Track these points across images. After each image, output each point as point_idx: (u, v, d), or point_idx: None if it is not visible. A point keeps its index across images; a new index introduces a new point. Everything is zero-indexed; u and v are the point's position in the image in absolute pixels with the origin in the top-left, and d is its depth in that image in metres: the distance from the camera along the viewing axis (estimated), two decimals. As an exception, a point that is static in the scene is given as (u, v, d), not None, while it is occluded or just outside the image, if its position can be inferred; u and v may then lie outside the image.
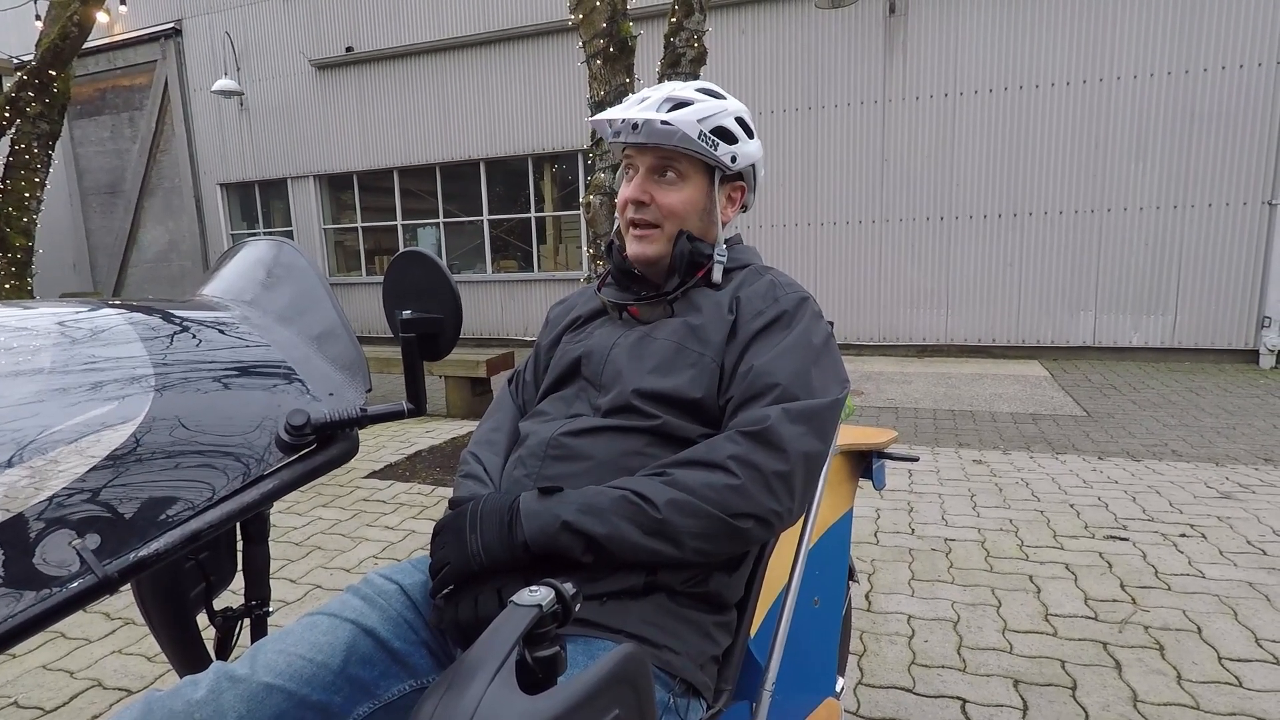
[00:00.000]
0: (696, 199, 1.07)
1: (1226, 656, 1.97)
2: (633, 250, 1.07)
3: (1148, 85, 6.68)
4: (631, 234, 1.08)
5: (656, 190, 1.05)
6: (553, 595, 0.55)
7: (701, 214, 1.08)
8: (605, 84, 3.88)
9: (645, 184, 1.05)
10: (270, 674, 0.72)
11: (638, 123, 1.01)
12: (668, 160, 1.04)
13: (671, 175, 1.05)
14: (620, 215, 1.09)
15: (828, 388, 0.95)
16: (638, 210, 1.06)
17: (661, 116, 1.00)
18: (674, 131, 1.01)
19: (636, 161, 1.06)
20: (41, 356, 0.67)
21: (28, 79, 5.37)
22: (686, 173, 1.05)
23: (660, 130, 1.01)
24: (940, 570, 2.56)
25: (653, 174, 1.05)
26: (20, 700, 1.92)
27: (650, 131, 1.01)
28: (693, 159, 1.05)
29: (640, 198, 1.05)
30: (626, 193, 1.07)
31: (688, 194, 1.06)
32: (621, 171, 1.11)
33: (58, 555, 0.54)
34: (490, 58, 8.99)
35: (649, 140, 1.02)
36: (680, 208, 1.06)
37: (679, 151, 1.03)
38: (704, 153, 1.03)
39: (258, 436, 0.69)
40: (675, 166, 1.05)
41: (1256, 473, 3.58)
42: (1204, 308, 6.82)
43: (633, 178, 1.07)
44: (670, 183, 1.05)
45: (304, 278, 0.91)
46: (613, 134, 1.06)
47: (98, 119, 11.56)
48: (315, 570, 2.68)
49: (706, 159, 1.04)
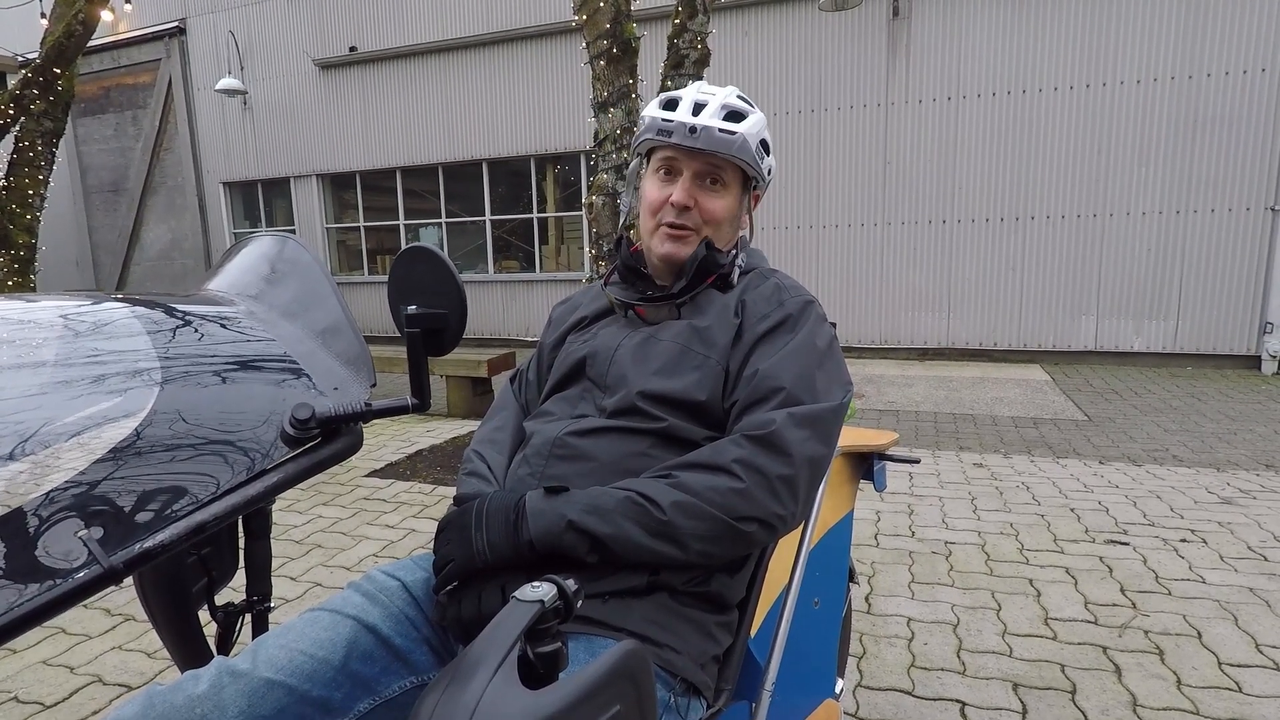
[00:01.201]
0: (733, 207, 1.08)
1: (1227, 662, 1.97)
2: (666, 250, 1.06)
3: (1151, 90, 6.68)
4: (665, 233, 1.06)
5: (701, 196, 1.06)
6: (555, 591, 0.55)
7: (733, 221, 1.10)
8: (609, 85, 3.89)
9: (691, 189, 1.05)
10: (272, 669, 0.72)
11: (696, 127, 1.01)
12: (717, 168, 1.05)
13: (717, 183, 1.06)
14: (650, 215, 1.08)
15: (832, 391, 0.95)
16: (680, 214, 1.05)
17: (722, 125, 1.01)
18: (734, 141, 1.01)
19: (681, 165, 1.05)
20: (48, 349, 0.67)
21: (32, 76, 5.38)
22: (729, 182, 1.06)
23: (720, 138, 1.01)
24: (940, 573, 2.56)
25: (699, 179, 1.05)
26: (20, 695, 1.92)
27: (710, 139, 1.01)
28: (734, 168, 1.06)
29: (686, 202, 1.05)
30: (669, 195, 1.05)
31: (728, 202, 1.07)
32: (650, 171, 1.10)
33: (64, 546, 0.54)
34: (493, 58, 9.01)
35: (707, 146, 1.02)
36: (722, 214, 1.07)
37: (729, 160, 1.04)
38: (754, 163, 1.04)
39: (263, 430, 0.69)
40: (722, 175, 1.05)
41: (1258, 478, 3.57)
42: (1206, 313, 6.82)
43: (670, 179, 1.06)
44: (714, 190, 1.06)
45: (309, 273, 0.92)
46: (657, 132, 1.04)
47: (101, 117, 11.58)
48: (316, 568, 2.69)
49: (752, 170, 1.06)
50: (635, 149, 1.14)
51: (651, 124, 1.05)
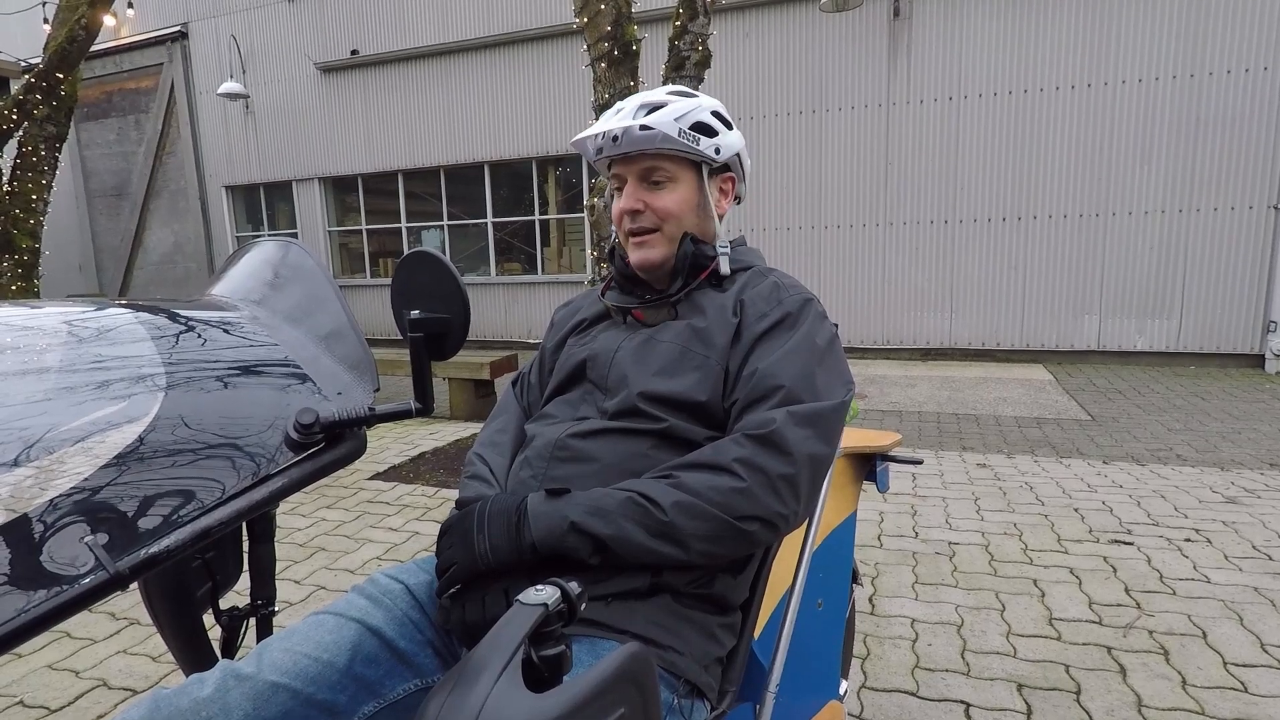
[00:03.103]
0: (689, 197, 1.07)
1: (1232, 661, 1.96)
2: (635, 257, 1.07)
3: (1153, 89, 6.67)
4: (631, 243, 1.08)
5: (648, 196, 1.06)
6: (558, 594, 0.55)
7: (697, 210, 1.09)
8: (610, 87, 3.89)
9: (637, 192, 1.06)
10: (276, 672, 0.72)
11: (617, 134, 1.02)
12: (653, 164, 1.05)
13: (660, 178, 1.06)
14: (618, 229, 1.10)
15: (833, 389, 0.95)
16: (634, 219, 1.06)
17: (639, 122, 1.01)
18: (654, 134, 1.01)
19: (624, 173, 1.07)
20: (53, 355, 0.67)
21: (35, 82, 5.40)
22: (675, 174, 1.06)
23: (640, 136, 1.01)
24: (944, 573, 2.55)
25: (642, 181, 1.06)
26: (26, 700, 1.92)
27: (631, 139, 1.02)
28: (678, 159, 1.05)
29: (634, 206, 1.05)
30: (620, 205, 1.07)
31: (680, 194, 1.06)
32: (611, 191, 1.11)
33: (70, 551, 0.54)
34: (495, 61, 9.02)
35: (632, 148, 1.03)
36: (675, 208, 1.06)
37: (663, 153, 1.04)
38: (687, 149, 1.03)
39: (267, 435, 0.69)
40: (662, 169, 1.05)
41: (1262, 478, 3.56)
42: (1209, 312, 6.80)
43: (622, 189, 1.07)
44: (660, 186, 1.06)
45: (312, 278, 0.92)
46: (595, 153, 1.06)
47: (104, 121, 11.62)
48: (319, 571, 2.69)
49: (691, 155, 1.05)
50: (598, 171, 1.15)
51: (589, 147, 1.07)
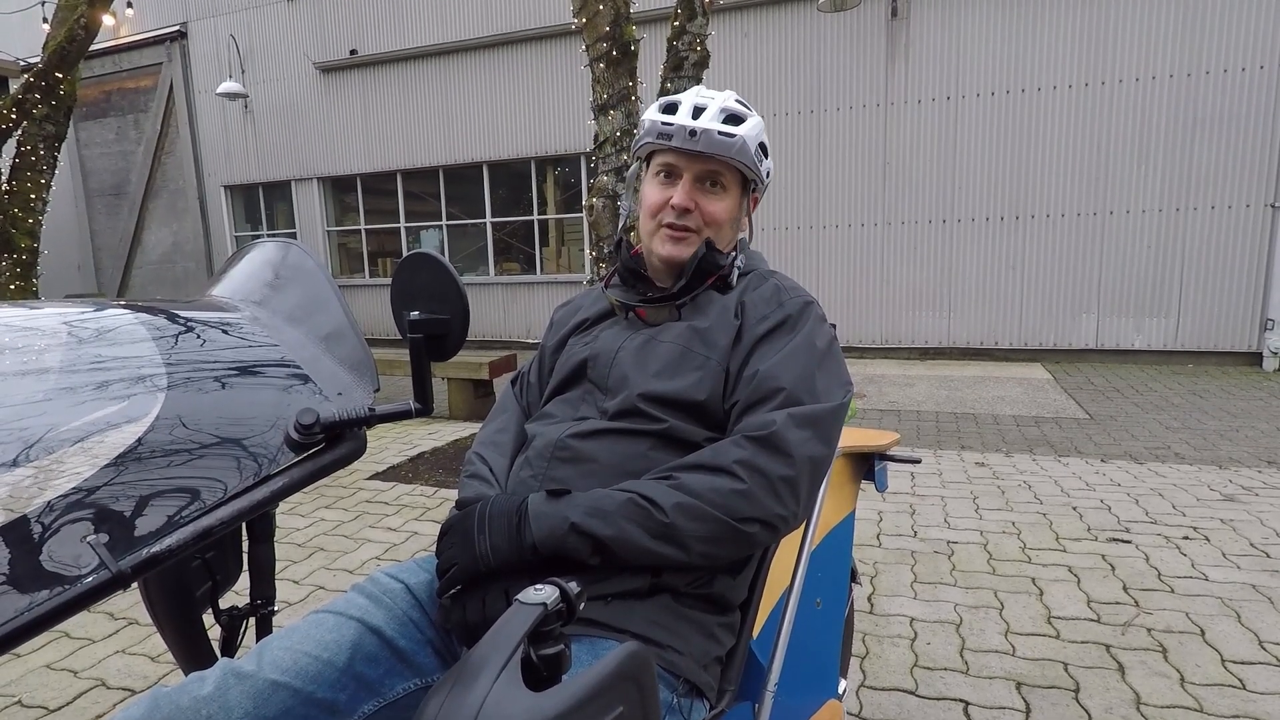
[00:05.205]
0: (733, 208, 1.09)
1: (1230, 659, 1.97)
2: (666, 251, 1.07)
3: (1150, 88, 6.68)
4: (665, 235, 1.07)
5: (702, 198, 1.06)
6: (557, 594, 0.55)
7: (733, 223, 1.11)
8: (608, 87, 3.89)
9: (691, 191, 1.06)
10: (276, 671, 0.73)
11: (696, 131, 1.02)
12: (718, 170, 1.06)
13: (717, 185, 1.07)
14: (650, 217, 1.09)
15: (832, 391, 0.96)
16: (680, 216, 1.06)
17: (722, 128, 1.02)
18: (734, 144, 1.02)
19: (680, 167, 1.06)
20: (53, 356, 0.67)
21: (34, 81, 5.40)
22: (729, 184, 1.07)
23: (720, 141, 1.02)
24: (943, 572, 2.56)
25: (698, 181, 1.06)
26: (24, 700, 1.92)
27: (710, 141, 1.02)
28: (734, 170, 1.07)
29: (687, 205, 1.05)
30: (670, 197, 1.06)
31: (728, 203, 1.08)
32: (649, 174, 1.10)
33: (71, 551, 0.54)
34: (493, 61, 9.02)
35: (707, 149, 1.03)
36: (723, 216, 1.08)
37: (728, 162, 1.04)
38: (753, 166, 1.05)
39: (268, 435, 0.70)
40: (722, 177, 1.06)
41: (1260, 475, 3.57)
42: (1207, 310, 6.81)
43: (670, 182, 1.07)
44: (715, 192, 1.07)
45: (312, 279, 0.92)
46: (658, 136, 1.05)
47: (103, 121, 11.60)
48: (318, 571, 2.69)
49: (751, 173, 1.07)
50: (635, 153, 1.14)
51: (651, 128, 1.06)
